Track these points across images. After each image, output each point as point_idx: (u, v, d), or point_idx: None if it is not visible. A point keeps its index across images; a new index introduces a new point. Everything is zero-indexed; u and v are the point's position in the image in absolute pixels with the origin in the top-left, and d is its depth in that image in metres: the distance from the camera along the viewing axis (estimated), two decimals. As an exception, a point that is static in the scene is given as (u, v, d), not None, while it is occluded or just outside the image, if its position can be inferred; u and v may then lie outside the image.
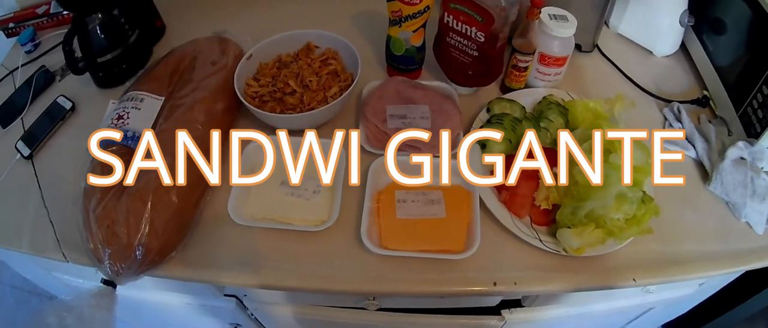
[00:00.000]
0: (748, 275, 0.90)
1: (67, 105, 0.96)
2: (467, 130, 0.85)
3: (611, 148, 0.76)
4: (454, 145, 0.82)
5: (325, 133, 0.85)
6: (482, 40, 0.79)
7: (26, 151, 0.90)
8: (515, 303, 0.92)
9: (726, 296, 1.05)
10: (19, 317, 1.86)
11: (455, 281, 0.72)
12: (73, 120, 0.96)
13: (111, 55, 0.96)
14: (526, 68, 0.85)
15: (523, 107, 0.85)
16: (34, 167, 0.90)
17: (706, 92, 0.93)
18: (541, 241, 0.74)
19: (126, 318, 1.24)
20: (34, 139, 0.92)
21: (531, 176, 0.77)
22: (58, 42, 1.08)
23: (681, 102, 0.91)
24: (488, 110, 0.85)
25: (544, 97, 0.87)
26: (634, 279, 0.73)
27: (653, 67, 0.98)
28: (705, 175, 0.84)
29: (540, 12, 0.81)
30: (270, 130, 0.85)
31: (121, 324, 1.32)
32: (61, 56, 0.91)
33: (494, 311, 0.92)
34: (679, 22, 0.94)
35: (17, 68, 1.07)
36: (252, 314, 0.98)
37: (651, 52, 0.99)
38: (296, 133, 0.84)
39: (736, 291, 1.07)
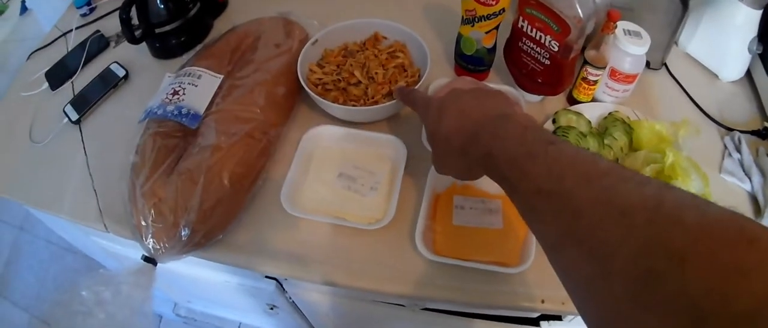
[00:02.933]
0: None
1: (121, 72, 0.93)
2: (532, 140, 0.80)
3: (672, 175, 0.72)
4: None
5: (387, 129, 0.82)
6: (556, 49, 0.74)
7: (74, 116, 0.87)
8: (555, 317, 0.90)
9: None
10: (52, 273, 1.84)
11: (504, 295, 0.69)
12: (126, 88, 0.93)
13: (170, 26, 0.92)
14: (595, 82, 0.81)
15: (589, 122, 0.81)
16: (82, 132, 0.87)
17: (766, 124, 0.89)
18: (594, 263, 0.71)
19: (160, 285, 1.21)
20: (84, 104, 0.89)
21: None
22: (115, 8, 1.04)
23: (742, 132, 0.87)
24: (554, 121, 0.81)
25: (610, 113, 0.83)
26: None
27: (717, 91, 0.93)
28: (758, 209, 0.79)
29: (616, 26, 0.76)
30: (330, 120, 0.82)
31: (154, 289, 1.32)
32: (116, 22, 0.87)
33: (533, 321, 0.90)
34: (748, 48, 0.90)
35: (71, 31, 1.03)
36: (290, 298, 0.96)
37: (717, 76, 0.95)
38: (358, 126, 0.80)
39: None
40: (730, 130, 0.88)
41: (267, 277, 0.88)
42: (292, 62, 0.80)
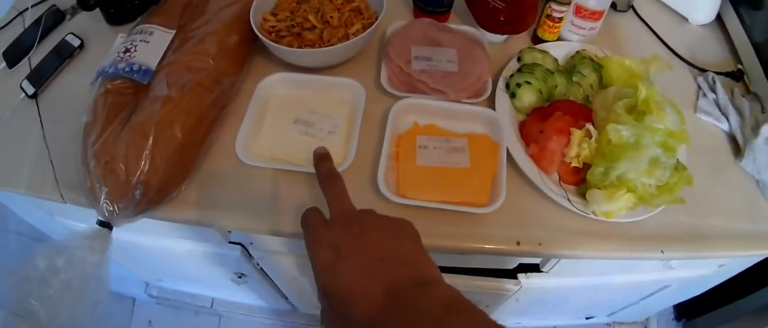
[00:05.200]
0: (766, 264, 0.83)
1: (76, 42, 0.89)
2: (496, 79, 0.76)
3: (646, 110, 0.68)
4: (483, 92, 0.74)
5: (344, 73, 0.77)
6: (517, -16, 0.71)
7: (31, 90, 0.84)
8: (533, 268, 0.85)
9: (739, 283, 0.98)
10: (24, 265, 1.79)
11: (477, 237, 0.65)
12: (81, 58, 0.89)
13: (123, -10, 0.89)
14: (560, 19, 0.77)
15: (556, 59, 0.77)
16: (39, 105, 0.83)
17: (740, 66, 0.86)
18: (569, 201, 0.66)
19: (128, 264, 1.18)
20: (40, 77, 0.86)
21: (562, 131, 0.69)
22: (71, -19, 1.01)
23: (715, 73, 0.84)
24: (519, 60, 0.77)
25: (577, 52, 0.79)
26: (662, 251, 0.66)
27: (688, 34, 0.90)
28: (737, 149, 0.76)
29: (579, -40, 0.73)
30: (286, 68, 0.77)
31: (122, 270, 1.26)
32: (74, -5, 0.84)
33: (511, 274, 0.85)
34: (718, -10, 0.87)
35: (27, 9, 1.00)
36: (257, 264, 0.91)
37: (686, 20, 0.92)
38: (313, 71, 0.76)
39: (750, 280, 1.01)
40: (703, 71, 0.85)
41: (231, 242, 0.83)
42: (244, 11, 0.76)
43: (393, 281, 0.39)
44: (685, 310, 1.41)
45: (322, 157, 0.54)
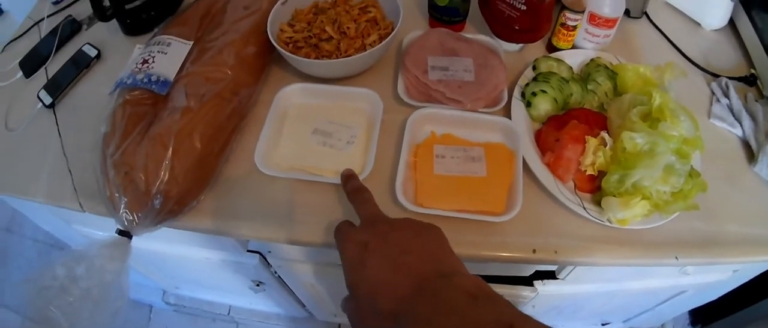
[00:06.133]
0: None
1: (93, 53, 0.90)
2: (512, 88, 0.77)
3: (661, 117, 0.68)
4: (499, 101, 0.74)
5: (361, 84, 0.78)
6: (531, -7, 0.72)
7: (48, 100, 0.85)
8: (549, 275, 0.86)
9: (754, 288, 0.98)
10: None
11: (494, 245, 0.65)
12: (98, 68, 0.90)
13: (139, 1, 0.89)
14: (574, 27, 0.78)
15: (571, 68, 0.77)
16: (56, 115, 0.84)
17: (753, 71, 0.86)
18: (584, 208, 0.66)
19: (146, 271, 1.18)
20: (57, 87, 0.87)
21: (577, 139, 0.69)
22: (86, -9, 1.02)
23: (729, 78, 0.84)
24: (534, 68, 0.77)
25: (591, 60, 0.79)
26: (676, 257, 0.66)
27: (701, 40, 0.90)
28: (751, 155, 0.76)
29: (592, -31, 0.74)
30: (303, 78, 0.78)
31: (139, 277, 1.27)
32: (88, 5, 0.85)
33: (527, 281, 0.85)
34: (730, -5, 0.87)
35: (43, 19, 1.01)
36: (275, 272, 0.92)
37: (699, 25, 0.91)
38: (332, 82, 0.77)
39: (765, 284, 1.01)
40: (717, 76, 0.85)
41: (249, 251, 0.84)
42: (261, 22, 0.77)
43: (418, 273, 0.40)
44: (700, 315, 1.40)
45: (349, 177, 0.56)
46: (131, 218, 0.64)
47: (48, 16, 1.00)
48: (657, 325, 1.47)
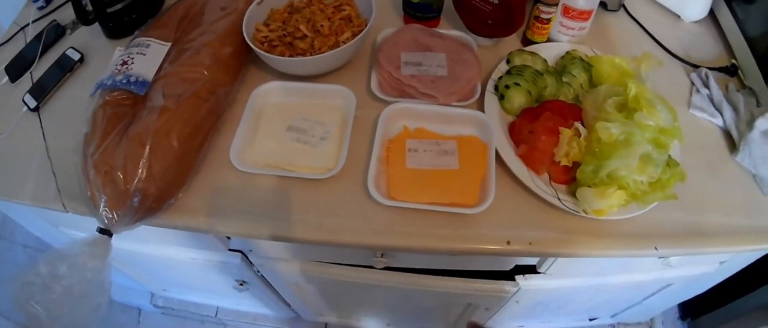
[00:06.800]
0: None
1: (76, 56, 0.92)
2: (485, 82, 0.77)
3: (637, 107, 0.68)
4: (472, 95, 0.74)
5: (335, 80, 0.78)
6: (504, -13, 0.72)
7: (33, 104, 0.86)
8: (530, 269, 0.85)
9: (743, 281, 0.97)
10: (30, 277, 1.82)
11: (467, 237, 0.65)
12: (82, 71, 0.91)
13: (121, 4, 0.91)
14: (548, 20, 0.78)
15: (545, 61, 0.77)
16: (41, 118, 0.86)
17: (734, 61, 0.85)
18: (559, 200, 0.66)
19: (135, 274, 1.19)
20: (42, 91, 0.88)
21: (551, 131, 0.69)
22: (70, -3, 1.04)
23: (709, 69, 0.84)
24: (508, 62, 0.78)
25: (567, 52, 0.79)
26: (656, 247, 0.66)
27: (681, 31, 0.89)
28: (732, 145, 0.76)
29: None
30: (279, 76, 0.79)
31: (128, 281, 1.28)
32: (72, 11, 0.87)
33: (508, 276, 0.85)
34: (711, -14, 0.87)
35: (28, 25, 1.03)
36: (258, 271, 0.92)
37: (679, 17, 0.91)
38: (306, 79, 0.77)
39: (754, 277, 1.00)
40: (696, 67, 0.85)
41: (231, 250, 0.85)
42: (238, 22, 0.77)
43: None
44: (689, 309, 1.39)
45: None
46: (111, 216, 0.65)
47: (33, 22, 1.02)
48: (646, 319, 1.46)
